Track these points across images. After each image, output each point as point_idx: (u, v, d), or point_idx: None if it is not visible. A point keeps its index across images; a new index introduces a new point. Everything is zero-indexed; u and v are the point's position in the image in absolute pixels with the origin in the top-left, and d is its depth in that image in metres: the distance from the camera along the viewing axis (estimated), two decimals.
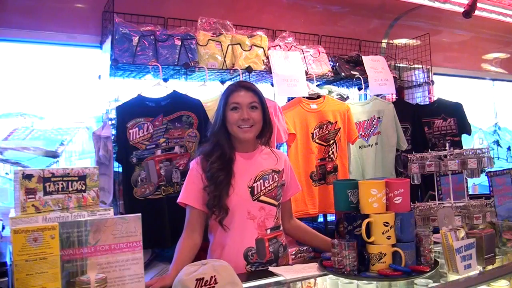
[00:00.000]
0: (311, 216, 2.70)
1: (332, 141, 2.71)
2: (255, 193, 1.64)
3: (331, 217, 3.00)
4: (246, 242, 1.61)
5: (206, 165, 1.63)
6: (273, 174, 1.69)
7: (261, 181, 1.66)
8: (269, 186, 1.67)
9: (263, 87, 2.92)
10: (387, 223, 1.48)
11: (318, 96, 2.75)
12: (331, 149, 2.71)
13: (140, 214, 1.25)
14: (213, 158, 1.62)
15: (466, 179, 1.80)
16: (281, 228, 1.71)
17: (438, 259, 1.56)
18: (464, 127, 3.26)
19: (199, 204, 1.63)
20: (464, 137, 3.27)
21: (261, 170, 1.68)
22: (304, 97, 2.67)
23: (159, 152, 2.20)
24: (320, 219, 3.09)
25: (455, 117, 3.25)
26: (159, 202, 2.16)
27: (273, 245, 1.64)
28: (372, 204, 1.51)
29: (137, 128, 2.16)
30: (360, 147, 2.90)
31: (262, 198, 1.65)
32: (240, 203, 1.61)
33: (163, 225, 2.14)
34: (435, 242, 1.58)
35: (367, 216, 1.50)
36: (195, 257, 1.61)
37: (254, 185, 1.64)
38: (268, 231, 1.64)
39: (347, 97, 3.00)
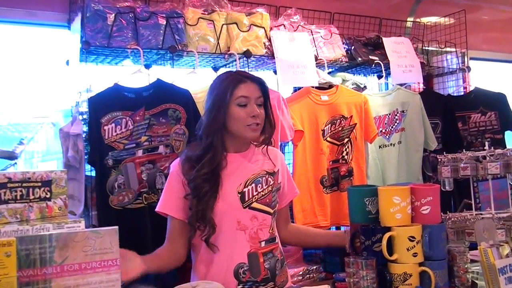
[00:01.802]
0: (321, 229, 2.69)
1: (346, 140, 2.71)
2: (246, 199, 1.64)
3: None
4: (237, 257, 1.61)
5: (189, 170, 1.63)
6: (266, 176, 1.70)
7: (253, 185, 1.66)
8: (262, 191, 1.67)
9: (265, 75, 2.92)
10: (413, 237, 1.48)
11: (330, 86, 2.74)
12: (345, 149, 2.70)
13: (117, 227, 1.25)
14: (200, 165, 1.62)
15: (511, 185, 1.80)
16: (277, 241, 1.71)
17: (476, 281, 1.56)
18: (508, 123, 3.26)
19: (181, 214, 1.64)
20: (507, 134, 3.27)
21: (253, 172, 1.69)
22: (313, 87, 2.67)
23: (140, 152, 2.20)
24: None
25: (496, 110, 3.25)
26: (140, 213, 2.17)
27: (268, 260, 1.65)
28: (395, 215, 1.50)
29: (113, 124, 2.16)
30: (380, 146, 2.90)
31: (255, 205, 1.65)
32: (228, 211, 1.62)
33: (144, 240, 2.14)
34: (472, 261, 1.58)
35: (388, 229, 1.50)
36: (181, 280, 1.62)
37: (244, 190, 1.65)
38: (263, 243, 1.65)
39: (365, 86, 3.00)
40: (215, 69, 2.70)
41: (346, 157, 2.71)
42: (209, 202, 1.59)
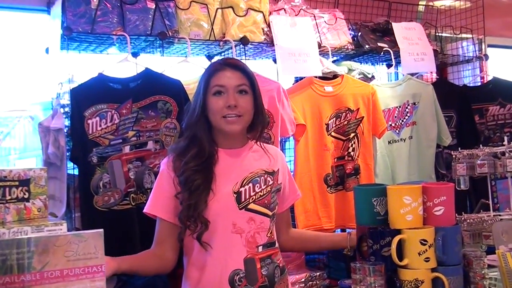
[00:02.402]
0: (325, 231, 2.70)
1: (352, 134, 2.71)
2: (243, 200, 1.64)
3: None
4: (232, 263, 1.61)
5: (179, 166, 1.63)
6: (265, 176, 1.70)
7: (250, 185, 1.66)
8: (260, 192, 1.67)
9: (263, 64, 2.91)
10: (425, 240, 1.48)
11: (335, 76, 2.74)
12: (352, 145, 2.70)
13: (102, 230, 1.24)
14: (188, 157, 1.62)
15: None
16: (277, 245, 1.71)
17: None
18: None
19: (170, 215, 1.64)
20: None
21: (251, 171, 1.69)
22: (316, 77, 2.66)
23: (127, 149, 2.19)
24: None
25: None
26: (127, 214, 2.16)
27: (266, 266, 1.64)
28: (405, 216, 1.50)
29: (98, 118, 2.15)
30: (389, 142, 2.90)
31: (252, 206, 1.65)
32: (223, 212, 1.61)
33: (132, 244, 2.13)
34: (489, 266, 1.58)
35: (398, 231, 1.50)
36: (172, 287, 1.62)
37: (241, 190, 1.65)
38: (260, 248, 1.65)
39: (373, 76, 3.00)
40: (209, 57, 2.69)
41: (352, 153, 2.71)
42: (202, 195, 1.59)
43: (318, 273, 2.42)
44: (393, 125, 2.91)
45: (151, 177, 2.20)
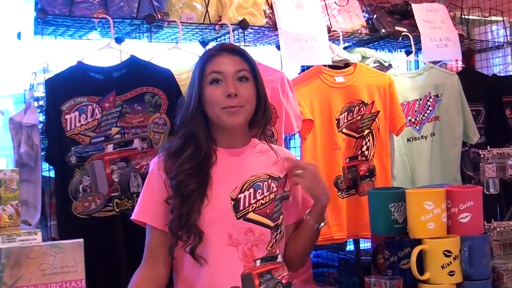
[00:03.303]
0: (336, 242, 2.70)
1: (367, 131, 2.71)
2: (241, 208, 1.63)
3: (366, 244, 2.99)
4: (227, 279, 1.60)
5: (172, 166, 1.63)
6: (269, 181, 1.69)
7: (251, 190, 1.65)
8: (262, 199, 1.66)
9: (265, 51, 2.91)
10: (449, 252, 1.48)
11: (347, 65, 2.73)
12: (366, 143, 2.71)
13: (81, 240, 1.25)
14: (183, 159, 1.62)
15: None
16: (280, 260, 1.69)
17: None
18: None
19: (162, 223, 1.63)
20: None
21: (252, 174, 1.68)
22: (326, 66, 2.66)
23: (110, 147, 2.19)
24: (350, 247, 3.07)
25: None
26: (111, 222, 2.16)
27: (266, 283, 1.63)
28: (427, 224, 1.50)
29: (77, 113, 2.15)
30: (408, 139, 2.90)
31: (251, 216, 1.64)
32: (218, 222, 1.61)
33: (116, 256, 2.14)
34: None
35: (419, 241, 1.50)
36: None
37: (240, 196, 1.64)
38: (258, 262, 1.64)
39: (390, 65, 3.00)
40: (203, 43, 2.69)
41: (366, 153, 2.70)
42: (195, 203, 1.59)
43: None
44: (413, 120, 2.90)
45: (137, 180, 2.20)
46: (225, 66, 1.63)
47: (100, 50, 2.29)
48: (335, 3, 2.83)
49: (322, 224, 1.71)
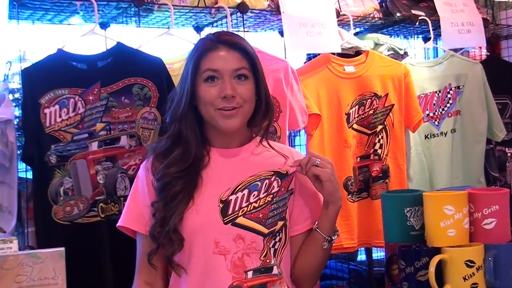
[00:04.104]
0: (345, 251, 2.71)
1: (380, 127, 2.71)
2: (230, 211, 1.63)
3: (379, 253, 3.00)
4: None
5: (159, 167, 1.64)
6: (271, 179, 1.68)
7: (245, 191, 1.65)
8: (255, 202, 1.65)
9: (267, 38, 2.91)
10: (472, 262, 1.48)
11: (358, 53, 2.74)
12: (379, 140, 2.71)
13: (63, 249, 1.25)
14: (170, 160, 1.62)
15: None
16: (276, 272, 1.68)
17: None
18: None
19: None
20: None
21: (251, 174, 1.68)
22: (334, 54, 2.66)
23: (94, 145, 2.19)
24: (361, 257, 3.08)
25: None
26: (96, 229, 2.17)
27: None
28: (447, 231, 1.50)
29: (57, 106, 2.15)
30: (426, 136, 2.91)
31: (240, 220, 1.64)
32: (203, 227, 1.61)
33: (101, 266, 2.15)
34: None
35: (438, 250, 1.50)
36: None
37: (230, 198, 1.64)
38: (250, 274, 1.64)
39: (405, 53, 3.00)
40: (198, 29, 2.69)
41: (379, 151, 2.71)
42: (179, 206, 1.60)
43: None
44: (431, 115, 2.91)
45: (124, 182, 2.21)
46: (222, 63, 1.63)
47: (83, 37, 2.29)
48: None
49: (335, 236, 1.69)
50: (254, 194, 1.65)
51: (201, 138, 1.68)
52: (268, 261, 1.65)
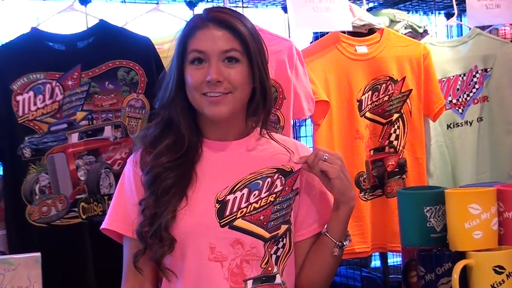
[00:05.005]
0: (358, 256, 2.71)
1: (396, 116, 2.71)
2: (227, 213, 1.63)
3: (395, 259, 3.01)
4: None
5: (148, 161, 1.64)
6: (274, 177, 1.68)
7: (245, 191, 1.65)
8: (255, 202, 1.65)
9: (269, 14, 2.91)
10: (502, 268, 1.48)
11: (371, 31, 2.74)
12: (395, 131, 2.71)
13: (38, 254, 1.25)
14: (160, 149, 1.62)
15: None
16: (279, 281, 1.67)
17: None
18: None
19: None
20: None
21: (252, 171, 1.67)
22: (345, 33, 2.66)
23: (75, 137, 2.20)
24: (375, 263, 3.09)
25: None
26: (76, 232, 2.17)
27: None
28: (472, 233, 1.50)
29: (31, 93, 2.16)
30: (449, 126, 2.91)
31: (239, 223, 1.63)
32: (197, 230, 1.60)
33: (83, 273, 2.15)
34: None
35: (462, 255, 1.51)
36: None
37: (228, 198, 1.64)
38: (250, 283, 1.64)
39: (425, 31, 2.99)
40: (191, 4, 2.68)
41: (395, 143, 2.71)
42: (171, 202, 1.60)
43: None
44: (454, 101, 2.91)
45: (109, 179, 2.21)
46: (209, 43, 1.61)
47: (60, 13, 2.29)
48: None
49: (347, 241, 1.69)
50: (255, 194, 1.65)
51: (194, 127, 1.68)
52: (270, 269, 1.65)
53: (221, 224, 1.62)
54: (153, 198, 1.59)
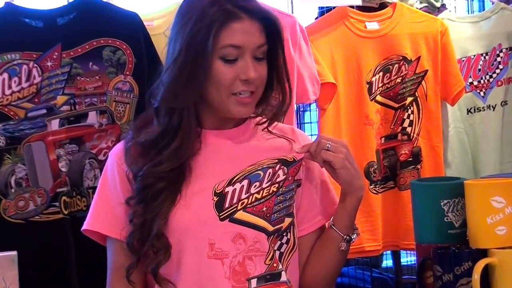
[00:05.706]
0: (368, 255, 2.73)
1: (410, 99, 2.72)
2: (226, 205, 1.63)
3: (409, 258, 3.01)
4: None
5: (138, 157, 1.63)
6: (276, 167, 1.67)
7: (244, 182, 1.65)
8: (257, 193, 1.65)
9: None
10: None
11: (383, 5, 2.73)
12: (408, 116, 2.72)
13: (15, 253, 1.25)
14: (160, 159, 1.60)
15: None
16: (285, 279, 1.69)
17: None
18: None
19: (126, 232, 1.64)
20: None
21: (251, 163, 1.67)
22: (353, 7, 2.66)
23: (55, 124, 2.20)
24: (387, 262, 3.10)
25: None
26: (57, 229, 2.18)
27: None
28: (495, 229, 1.50)
29: (6, 75, 2.16)
30: (469, 111, 2.92)
31: (240, 215, 1.64)
32: (194, 225, 1.60)
33: (64, 274, 2.15)
34: None
35: (484, 253, 1.51)
36: None
37: (227, 190, 1.64)
38: (254, 282, 1.65)
39: (443, 5, 2.99)
40: None
41: (409, 129, 2.72)
42: (163, 206, 1.59)
43: None
44: (475, 83, 2.91)
45: (94, 170, 2.22)
46: (246, 38, 1.59)
47: None
48: None
49: (355, 235, 1.68)
50: (256, 185, 1.65)
51: (196, 123, 1.66)
52: (275, 265, 1.66)
53: (221, 217, 1.62)
54: (143, 205, 1.58)
